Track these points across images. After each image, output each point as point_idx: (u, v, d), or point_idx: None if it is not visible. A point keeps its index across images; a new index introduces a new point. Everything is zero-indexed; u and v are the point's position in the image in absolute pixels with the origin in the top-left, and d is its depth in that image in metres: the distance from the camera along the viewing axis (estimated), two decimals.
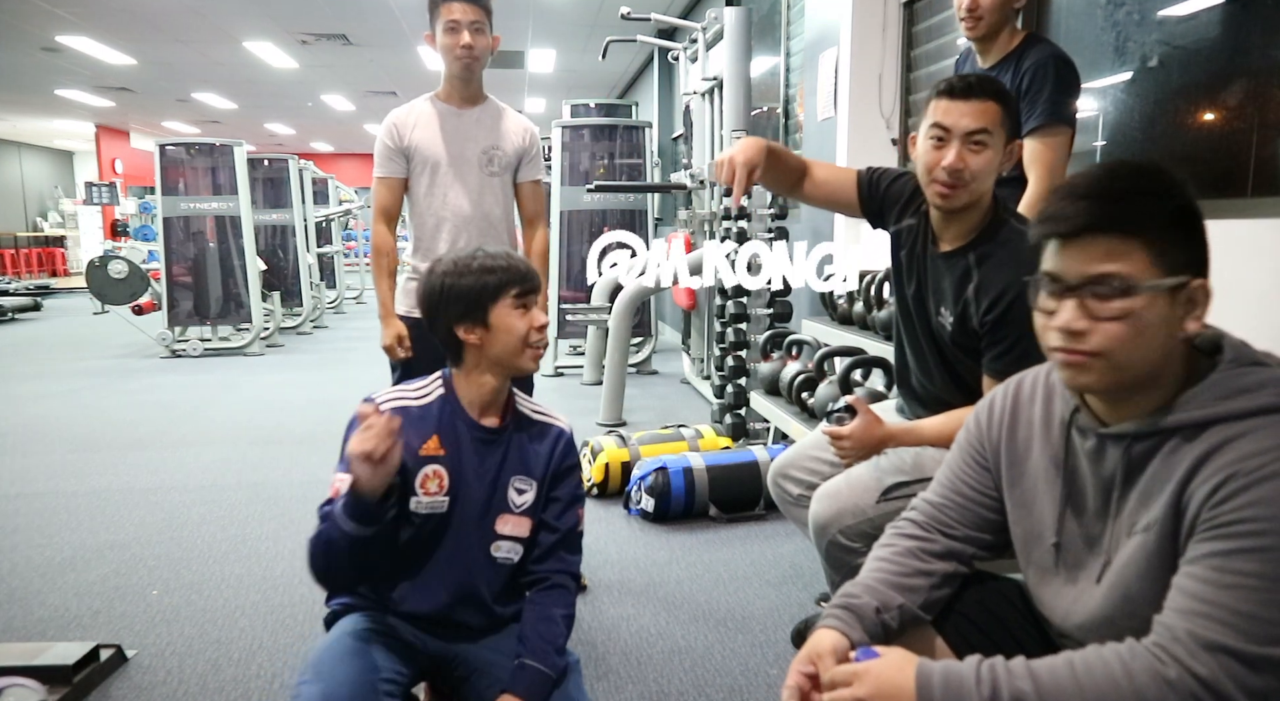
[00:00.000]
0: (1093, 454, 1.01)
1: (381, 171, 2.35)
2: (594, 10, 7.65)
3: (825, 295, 3.27)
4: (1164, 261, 0.89)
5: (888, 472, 1.69)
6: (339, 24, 8.34)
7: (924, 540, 1.17)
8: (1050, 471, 1.06)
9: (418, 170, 2.33)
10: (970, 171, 1.50)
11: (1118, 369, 0.92)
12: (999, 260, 1.54)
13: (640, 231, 6.62)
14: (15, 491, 3.43)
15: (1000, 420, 1.13)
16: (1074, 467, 1.04)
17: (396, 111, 2.35)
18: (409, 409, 1.43)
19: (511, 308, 1.41)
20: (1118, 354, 0.91)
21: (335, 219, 10.64)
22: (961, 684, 0.90)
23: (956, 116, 1.49)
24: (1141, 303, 0.89)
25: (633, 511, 3.12)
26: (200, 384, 5.85)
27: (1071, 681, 0.87)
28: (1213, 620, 0.83)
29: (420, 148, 2.31)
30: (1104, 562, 1.00)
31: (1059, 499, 1.05)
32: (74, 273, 16.78)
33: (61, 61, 10.04)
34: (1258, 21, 1.96)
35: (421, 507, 1.41)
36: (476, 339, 1.42)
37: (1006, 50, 2.07)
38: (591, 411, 4.73)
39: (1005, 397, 1.14)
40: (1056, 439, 1.06)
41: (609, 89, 11.91)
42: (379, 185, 2.36)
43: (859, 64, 3.60)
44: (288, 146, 18.87)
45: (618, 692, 1.95)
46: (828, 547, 1.71)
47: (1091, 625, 1.01)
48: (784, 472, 1.95)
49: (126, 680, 2.00)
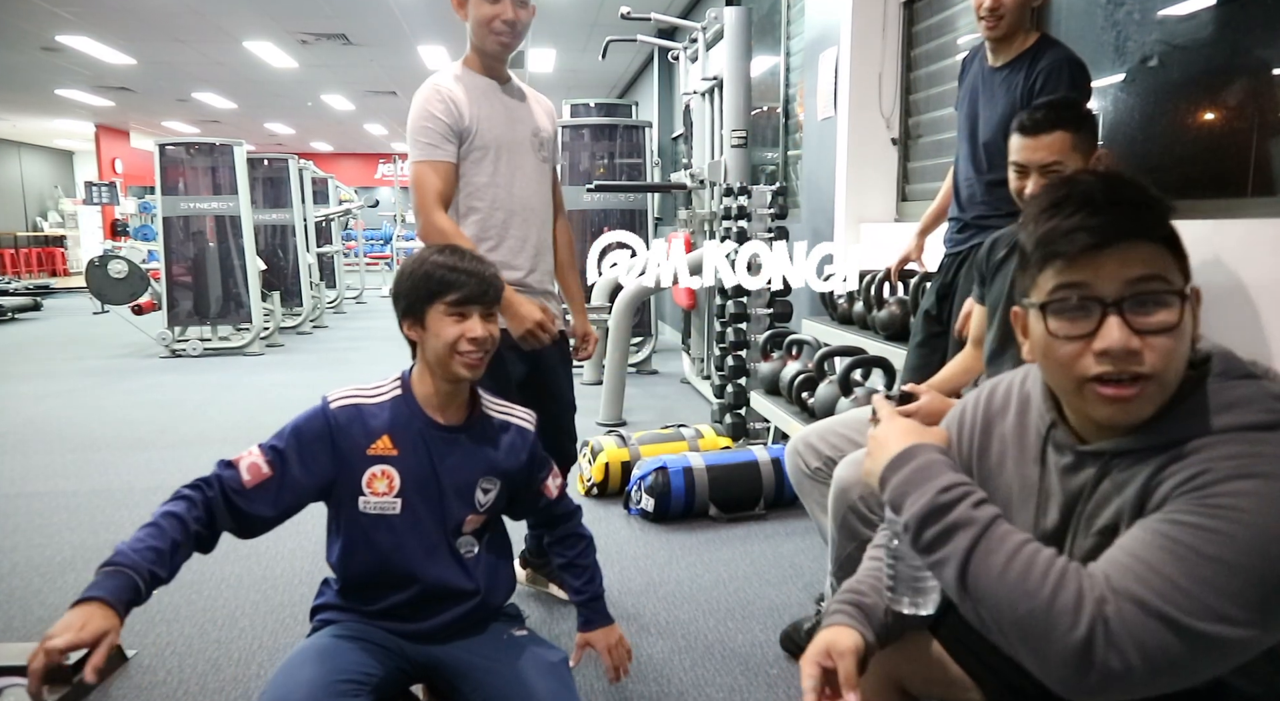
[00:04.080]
0: (1066, 469, 0.94)
1: (434, 155, 1.93)
2: (594, 10, 7.65)
3: (825, 295, 3.27)
4: (1182, 266, 0.85)
5: None
6: (339, 24, 8.34)
7: None
8: (1023, 490, 0.99)
9: (476, 155, 1.97)
10: None
11: (1165, 391, 0.84)
12: None
13: (640, 231, 6.62)
14: (15, 491, 3.43)
15: (971, 434, 1.07)
16: (1046, 487, 0.97)
17: (441, 80, 1.97)
18: (361, 407, 1.41)
19: (445, 314, 1.38)
20: (1167, 374, 0.82)
21: (335, 218, 10.64)
22: (940, 472, 0.94)
23: (1029, 153, 1.64)
24: (1178, 313, 0.82)
25: (633, 511, 3.12)
26: (200, 384, 5.85)
27: (1010, 551, 0.85)
28: (1134, 574, 0.79)
29: (482, 128, 1.97)
30: None
31: (1032, 515, 0.98)
32: (74, 272, 16.78)
33: (61, 61, 10.04)
34: (1258, 21, 1.96)
35: (370, 507, 1.39)
36: (417, 337, 1.42)
37: (1019, 51, 2.06)
38: (591, 411, 4.72)
39: (976, 408, 1.08)
40: (1031, 456, 0.99)
41: (609, 89, 11.90)
42: (431, 171, 1.93)
43: (859, 64, 3.60)
44: (288, 146, 18.88)
45: (618, 692, 1.95)
46: (845, 514, 1.70)
47: None
48: (807, 443, 1.94)
49: (126, 680, 2.00)
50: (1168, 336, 0.82)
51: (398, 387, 1.45)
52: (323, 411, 1.39)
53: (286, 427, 1.39)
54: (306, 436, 1.37)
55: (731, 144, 4.56)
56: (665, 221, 7.35)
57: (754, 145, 5.02)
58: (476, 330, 1.38)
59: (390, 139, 18.87)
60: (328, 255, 10.38)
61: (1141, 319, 0.82)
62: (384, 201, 18.82)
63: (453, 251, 1.41)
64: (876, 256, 3.41)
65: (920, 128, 3.55)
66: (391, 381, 1.46)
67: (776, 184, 4.04)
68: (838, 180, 3.74)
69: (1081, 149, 1.63)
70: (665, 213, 7.43)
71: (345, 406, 1.40)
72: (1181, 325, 0.82)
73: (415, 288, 1.38)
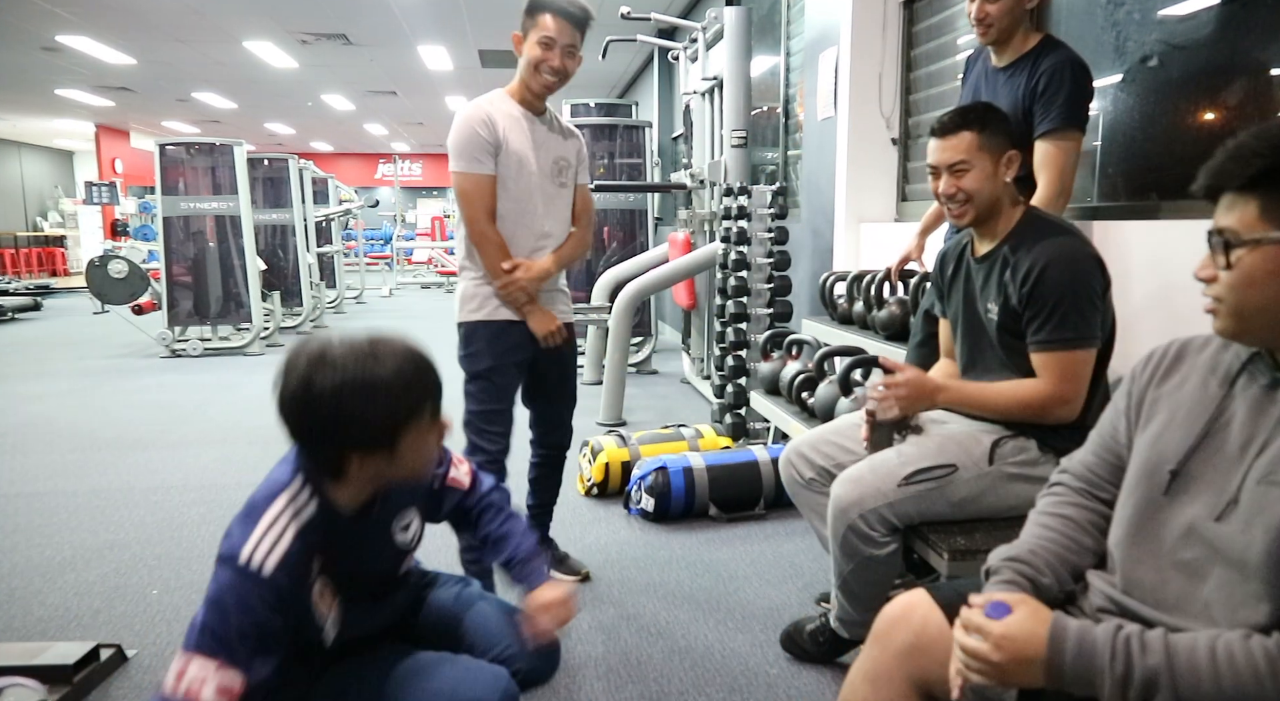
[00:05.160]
0: (1260, 395, 0.99)
1: (476, 167, 2.14)
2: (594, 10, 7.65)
3: (825, 295, 3.27)
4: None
5: (910, 459, 1.71)
6: (339, 24, 8.34)
7: (1088, 510, 1.17)
8: (1197, 408, 1.05)
9: (508, 173, 2.18)
10: (964, 191, 1.69)
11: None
12: (1029, 242, 1.67)
13: (640, 231, 6.63)
14: (15, 491, 3.43)
15: (1159, 362, 1.13)
16: (1227, 409, 1.02)
17: (482, 103, 2.19)
18: (288, 552, 1.16)
19: (427, 430, 1.22)
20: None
21: (335, 218, 10.64)
22: (1095, 651, 0.90)
23: (938, 154, 1.72)
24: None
25: (633, 511, 3.12)
26: (200, 384, 5.85)
27: (1209, 666, 0.85)
28: None
29: (512, 149, 2.17)
30: (1229, 501, 0.97)
31: (1197, 433, 1.03)
32: (74, 272, 16.78)
33: (61, 61, 10.03)
34: (1258, 21, 1.95)
35: (326, 622, 1.26)
36: (373, 467, 1.20)
37: (1022, 51, 2.08)
38: (591, 411, 4.72)
39: (1171, 346, 1.14)
40: (1219, 380, 1.04)
41: (609, 89, 11.90)
42: (475, 182, 2.14)
43: (859, 64, 3.59)
44: (288, 146, 18.88)
45: (618, 692, 1.95)
46: (845, 533, 1.72)
47: (1195, 562, 0.99)
48: (800, 453, 1.95)
49: (126, 680, 2.00)
50: None
51: (311, 502, 1.21)
52: (255, 584, 1.13)
53: (215, 621, 1.12)
54: (253, 621, 1.13)
55: (731, 144, 4.56)
56: (665, 221, 7.35)
57: (754, 145, 5.02)
58: (449, 425, 1.26)
59: (390, 139, 18.87)
60: (328, 255, 10.37)
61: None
62: (384, 201, 18.84)
63: (386, 355, 1.17)
64: (876, 256, 3.41)
65: (920, 127, 3.55)
66: (299, 491, 1.21)
67: (776, 184, 4.04)
68: (838, 180, 3.74)
69: (988, 148, 1.68)
70: (665, 213, 7.43)
71: (277, 564, 1.15)
72: None
73: (384, 414, 1.16)
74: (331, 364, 1.13)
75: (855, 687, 1.20)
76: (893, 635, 1.17)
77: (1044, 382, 1.64)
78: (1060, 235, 1.66)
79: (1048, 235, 1.66)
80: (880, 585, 1.79)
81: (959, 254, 1.85)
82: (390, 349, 1.17)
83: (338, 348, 1.15)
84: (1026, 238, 1.68)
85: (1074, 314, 1.60)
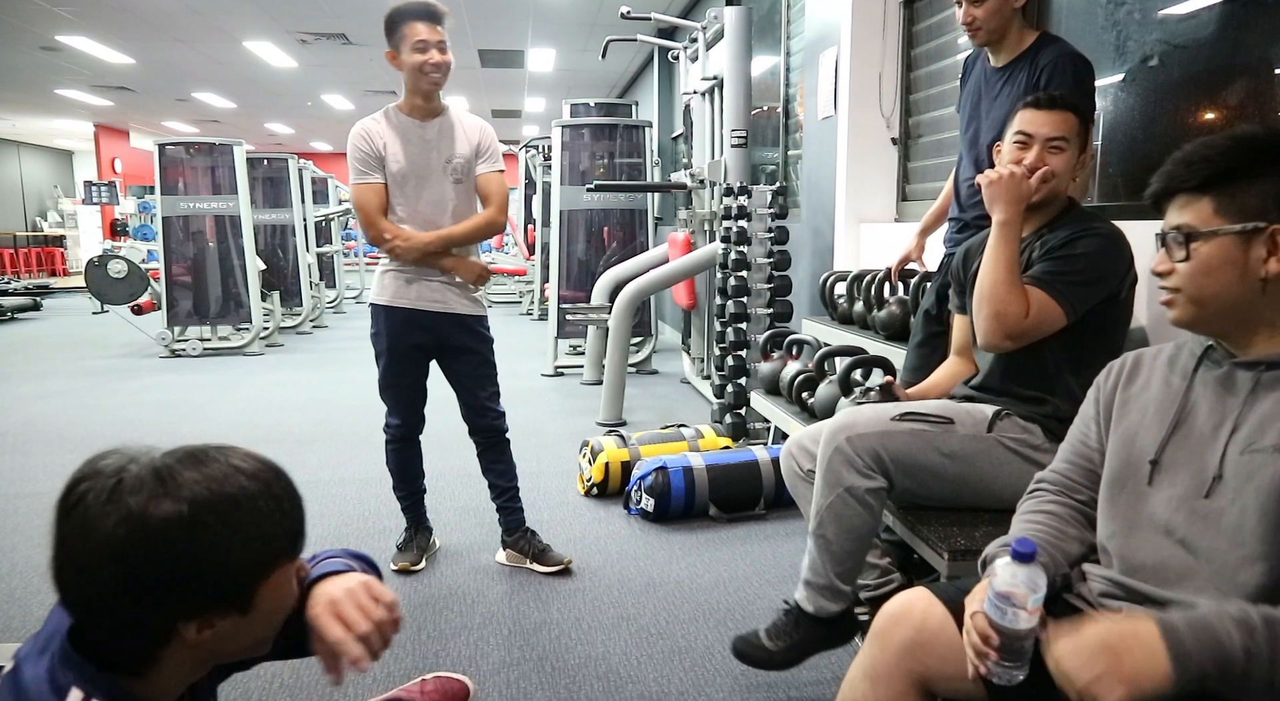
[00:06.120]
0: (1221, 380, 1.08)
1: (365, 178, 2.42)
2: (594, 10, 7.65)
3: (825, 295, 3.27)
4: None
5: (910, 407, 1.72)
6: (338, 24, 8.34)
7: (1070, 506, 1.22)
8: (1164, 402, 1.13)
9: (394, 180, 2.43)
10: (1052, 171, 1.68)
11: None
12: (1069, 227, 1.69)
13: (640, 231, 6.63)
14: (15, 491, 3.43)
15: (1120, 371, 1.21)
16: (1191, 398, 1.10)
17: (364, 122, 2.46)
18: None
19: (288, 574, 0.90)
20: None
21: (335, 218, 10.63)
22: (1205, 618, 0.91)
23: (1038, 125, 1.68)
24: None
25: (633, 511, 3.12)
26: (200, 384, 5.84)
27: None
28: None
29: (393, 157, 2.41)
30: (1214, 477, 1.03)
31: (1169, 424, 1.10)
32: (73, 272, 16.77)
33: (61, 61, 10.03)
34: (1258, 20, 1.95)
35: None
36: (209, 641, 0.85)
37: (1019, 50, 2.07)
38: (591, 411, 4.72)
39: (1127, 358, 1.23)
40: (1180, 373, 1.13)
41: (609, 88, 11.90)
42: (367, 190, 2.42)
43: (859, 63, 3.59)
44: (287, 146, 18.87)
45: (618, 692, 1.95)
46: (831, 456, 1.67)
47: (1189, 538, 1.04)
48: (800, 445, 1.94)
49: None
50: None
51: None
52: None
53: None
54: None
55: (731, 144, 4.56)
56: (665, 221, 7.35)
57: (754, 145, 5.01)
58: (288, 600, 0.92)
59: None
60: (327, 255, 10.37)
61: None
62: None
63: (221, 498, 0.85)
64: (876, 256, 3.41)
65: (920, 128, 3.55)
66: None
67: (776, 184, 4.04)
68: (838, 180, 3.74)
69: (1081, 139, 1.69)
70: (665, 213, 7.42)
71: None
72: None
73: (240, 563, 0.84)
74: (172, 483, 0.82)
75: (855, 685, 1.20)
76: (893, 632, 1.17)
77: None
78: (1104, 225, 1.69)
79: (1092, 222, 1.69)
80: (855, 539, 1.70)
81: (983, 249, 1.82)
82: (238, 457, 0.90)
83: (167, 460, 0.86)
84: (1067, 225, 1.70)
85: (1076, 275, 1.62)
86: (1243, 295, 1.04)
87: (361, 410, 4.90)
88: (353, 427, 4.45)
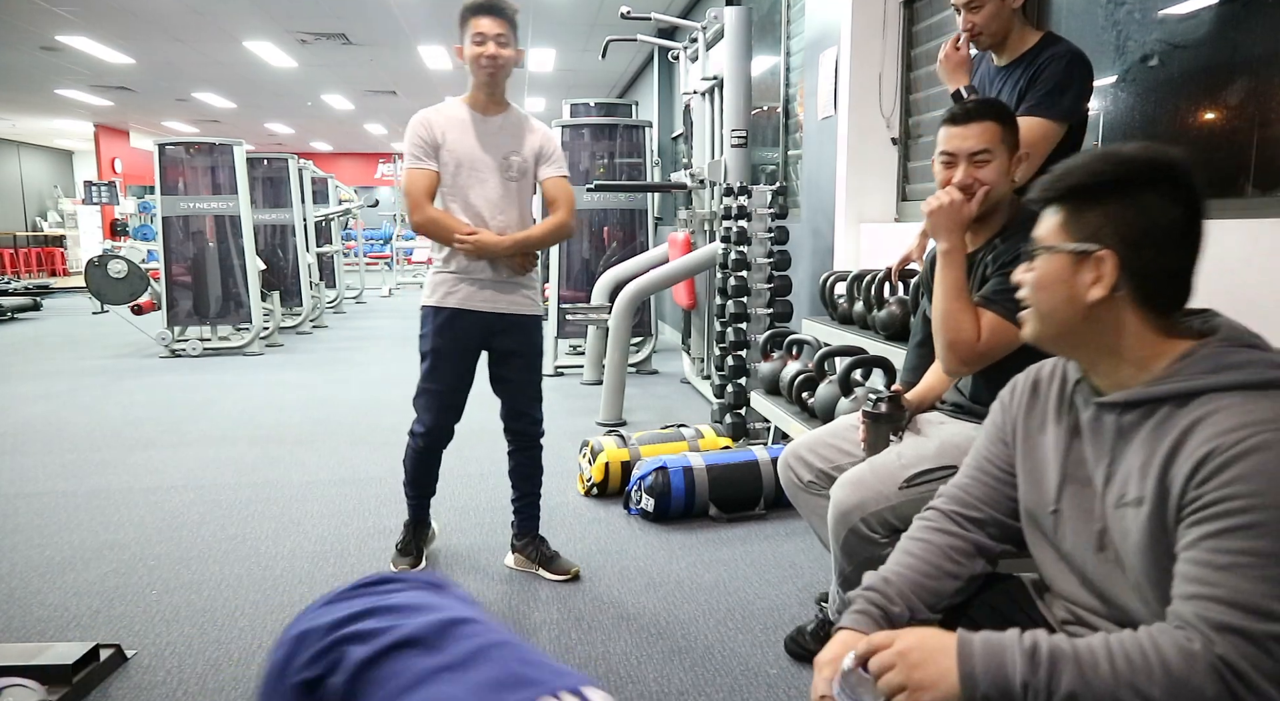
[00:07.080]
0: (1091, 423, 1.05)
1: (419, 164, 2.40)
2: (594, 10, 7.65)
3: (825, 295, 3.27)
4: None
5: (911, 462, 1.70)
6: (339, 24, 8.34)
7: (954, 536, 1.18)
8: (1054, 448, 1.10)
9: (446, 169, 2.41)
10: (982, 183, 1.66)
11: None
12: (1019, 236, 1.65)
13: (640, 231, 6.63)
14: (15, 491, 3.43)
15: (1020, 398, 1.17)
16: (1075, 442, 1.08)
17: (426, 110, 2.45)
18: None
19: None
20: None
21: (335, 218, 10.63)
22: (1001, 644, 0.91)
23: (959, 141, 1.67)
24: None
25: (633, 511, 3.12)
26: (200, 384, 5.84)
27: (1104, 648, 0.88)
28: (1216, 602, 0.84)
29: (449, 147, 2.40)
30: (1100, 529, 1.03)
31: (1058, 473, 1.08)
32: (73, 272, 16.76)
33: (61, 61, 10.03)
34: (1258, 20, 1.95)
35: None
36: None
37: (1021, 50, 2.07)
38: (591, 411, 4.72)
39: (1027, 378, 1.18)
40: (1065, 411, 1.10)
41: (609, 88, 11.90)
42: (419, 175, 2.39)
43: (859, 63, 3.59)
44: (287, 146, 18.87)
45: (618, 692, 1.95)
46: (847, 536, 1.70)
47: (1095, 590, 1.04)
48: (798, 456, 1.94)
49: (126, 680, 2.00)
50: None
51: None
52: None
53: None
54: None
55: (731, 144, 4.56)
56: (665, 221, 7.35)
57: (754, 145, 5.01)
58: None
59: (390, 138, 18.86)
60: (327, 255, 10.37)
61: None
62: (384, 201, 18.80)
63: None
64: (877, 256, 3.41)
65: (920, 127, 3.55)
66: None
67: (776, 184, 4.04)
68: (838, 180, 3.74)
69: (1008, 143, 1.67)
70: (665, 212, 7.43)
71: None
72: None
73: None
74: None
75: None
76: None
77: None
78: None
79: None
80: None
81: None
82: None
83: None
84: (1015, 232, 1.68)
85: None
86: (1070, 318, 1.01)
87: (362, 410, 4.90)
88: (352, 427, 4.45)
